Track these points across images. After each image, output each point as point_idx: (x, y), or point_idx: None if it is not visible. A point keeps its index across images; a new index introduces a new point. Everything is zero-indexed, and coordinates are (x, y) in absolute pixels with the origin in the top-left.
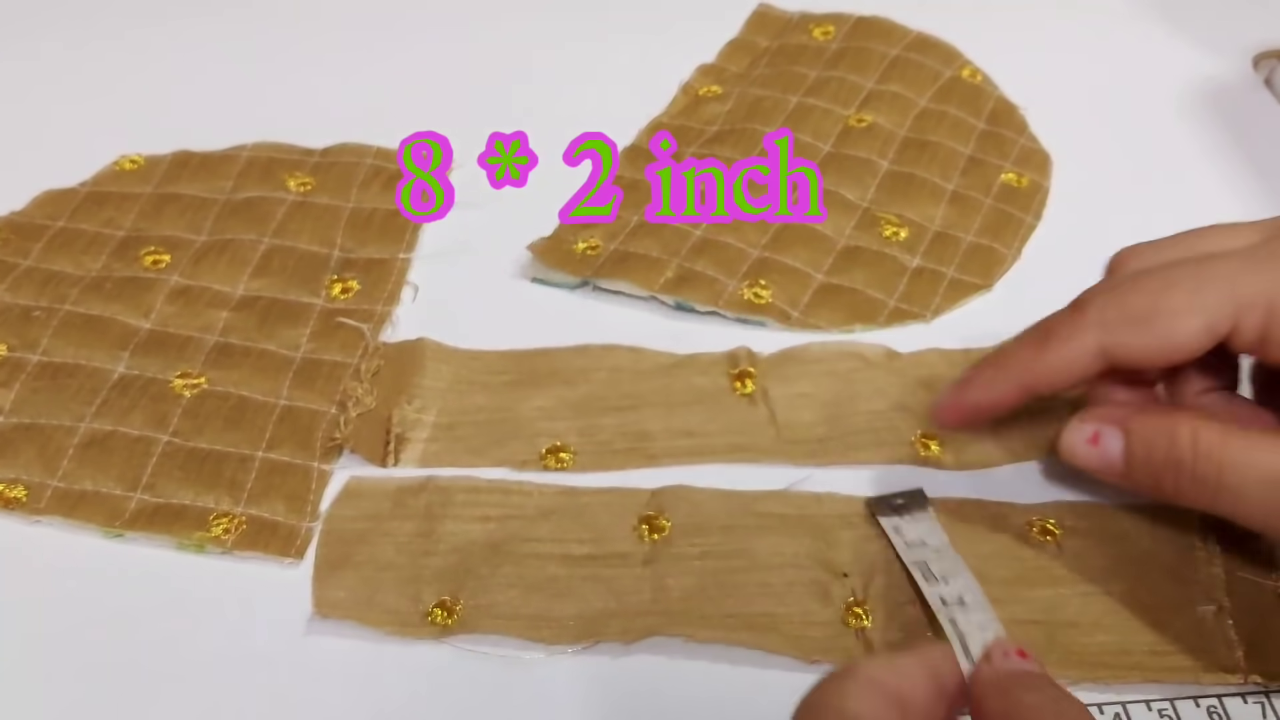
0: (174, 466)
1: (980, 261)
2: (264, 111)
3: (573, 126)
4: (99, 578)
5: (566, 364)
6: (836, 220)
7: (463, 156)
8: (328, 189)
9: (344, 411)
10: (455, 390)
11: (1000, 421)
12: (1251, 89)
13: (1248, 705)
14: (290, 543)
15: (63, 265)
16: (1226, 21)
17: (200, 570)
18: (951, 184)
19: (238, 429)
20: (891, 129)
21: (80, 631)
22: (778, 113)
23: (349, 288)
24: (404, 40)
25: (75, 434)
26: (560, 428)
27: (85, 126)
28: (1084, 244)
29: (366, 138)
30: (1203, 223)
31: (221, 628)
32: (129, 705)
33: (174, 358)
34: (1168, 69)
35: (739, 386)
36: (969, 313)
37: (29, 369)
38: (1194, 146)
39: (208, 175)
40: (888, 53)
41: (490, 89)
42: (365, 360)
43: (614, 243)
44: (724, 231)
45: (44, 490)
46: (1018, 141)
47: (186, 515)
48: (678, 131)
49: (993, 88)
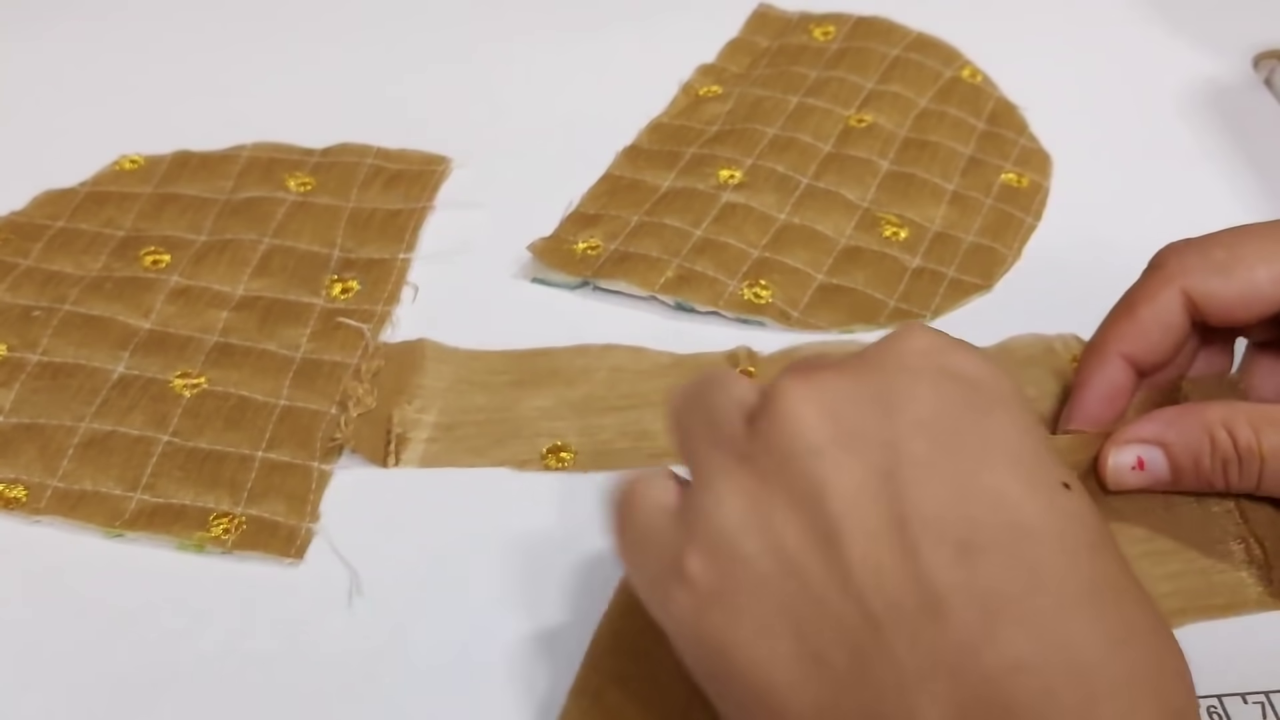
0: (174, 466)
1: (980, 261)
2: (264, 111)
3: (572, 126)
4: (99, 578)
5: (567, 364)
6: (837, 220)
7: (463, 156)
8: (328, 189)
9: (344, 411)
10: (455, 390)
11: None
12: (1251, 89)
13: (1248, 705)
14: (290, 543)
15: (63, 265)
16: (1226, 21)
17: (200, 570)
18: (952, 184)
19: (238, 429)
20: (892, 129)
21: (80, 631)
22: (778, 113)
23: (349, 288)
24: (404, 40)
25: (75, 434)
26: (561, 427)
27: (85, 126)
28: (1084, 244)
29: (366, 138)
30: (1203, 222)
31: (221, 628)
32: (129, 705)
33: (174, 358)
34: (1168, 69)
35: None
36: (969, 313)
37: (29, 369)
38: (1194, 146)
39: (208, 175)
40: (888, 53)
41: (490, 89)
42: (365, 360)
43: (614, 243)
44: (724, 231)
45: (44, 490)
46: (1018, 141)
47: (186, 515)
48: (678, 131)
49: (993, 88)
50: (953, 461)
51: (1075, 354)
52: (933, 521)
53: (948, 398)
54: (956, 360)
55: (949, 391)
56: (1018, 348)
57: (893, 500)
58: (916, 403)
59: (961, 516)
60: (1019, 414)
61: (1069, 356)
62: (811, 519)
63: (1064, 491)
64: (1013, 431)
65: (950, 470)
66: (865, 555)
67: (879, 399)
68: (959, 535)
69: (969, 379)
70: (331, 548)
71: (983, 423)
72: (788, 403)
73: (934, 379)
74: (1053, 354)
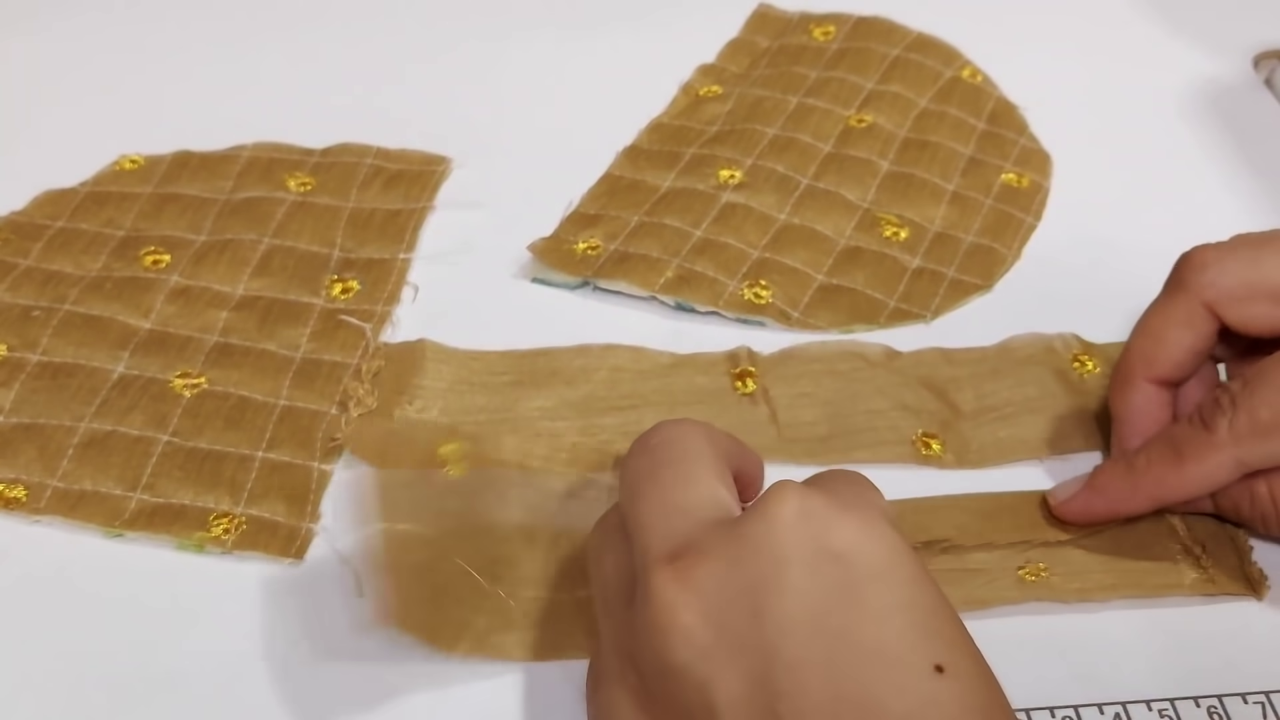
0: (174, 466)
1: (980, 262)
2: (264, 111)
3: (572, 126)
4: (99, 578)
5: (567, 364)
6: (837, 220)
7: (463, 156)
8: (328, 189)
9: (344, 411)
10: (456, 390)
11: (1000, 423)
12: (1251, 89)
13: (1248, 705)
14: (290, 543)
15: (63, 265)
16: (1226, 21)
17: (200, 570)
18: (952, 184)
19: (238, 429)
20: (892, 129)
21: (80, 631)
22: (778, 113)
23: (349, 288)
24: (404, 40)
25: (75, 434)
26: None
27: (85, 126)
28: (1084, 244)
29: (366, 138)
30: (1202, 222)
31: (221, 628)
32: (129, 705)
33: (174, 358)
34: (1168, 69)
35: (740, 386)
36: (969, 313)
37: (29, 369)
38: (1194, 146)
39: (208, 175)
40: (888, 53)
41: (490, 89)
42: (366, 360)
43: (614, 243)
44: (724, 231)
45: (44, 490)
46: (1018, 141)
47: (186, 515)
48: (678, 131)
49: (993, 88)
50: (824, 665)
51: (1075, 353)
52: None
53: (818, 586)
54: (829, 531)
55: (819, 577)
56: (1018, 348)
57: (767, 712)
58: (785, 598)
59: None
60: (893, 588)
61: (1069, 356)
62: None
63: (935, 678)
64: (885, 614)
65: (821, 676)
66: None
67: (749, 595)
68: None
69: (840, 555)
70: (331, 548)
71: (853, 610)
72: (660, 608)
73: (803, 565)
74: (1053, 354)
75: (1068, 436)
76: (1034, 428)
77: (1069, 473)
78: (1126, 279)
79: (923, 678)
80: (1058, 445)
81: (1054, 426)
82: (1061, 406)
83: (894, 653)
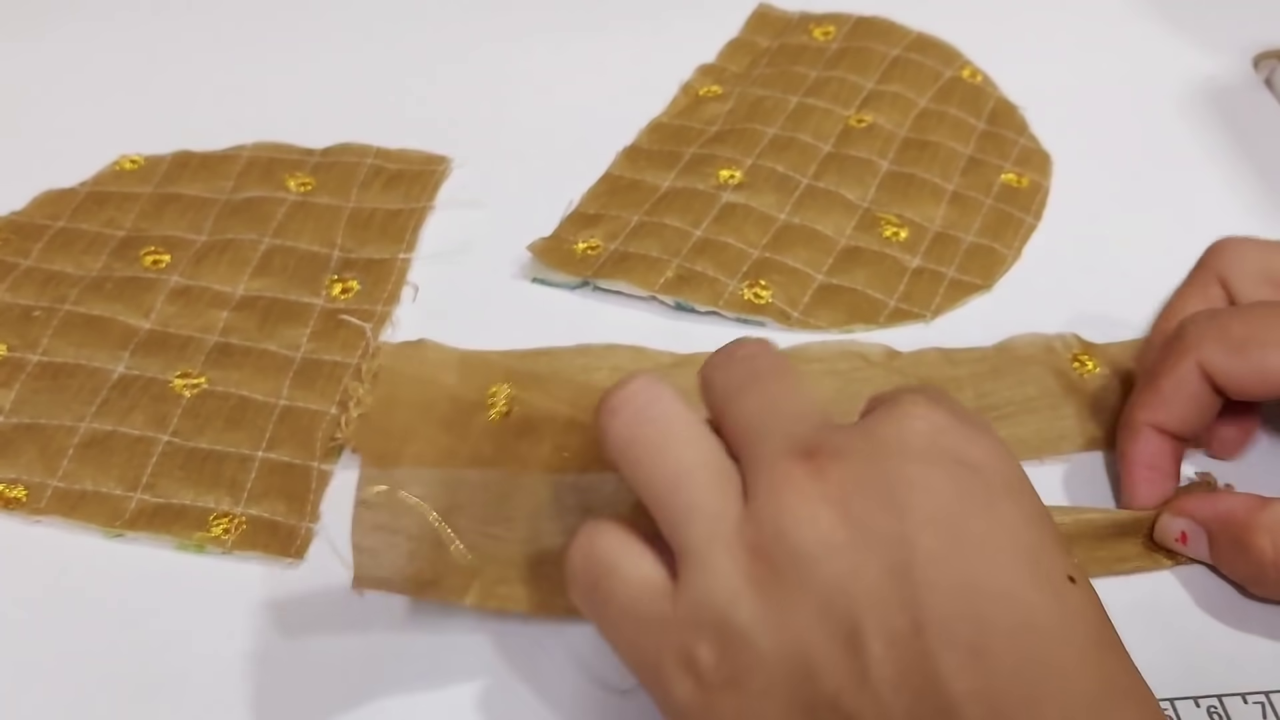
0: (174, 466)
1: (980, 261)
2: (264, 111)
3: (572, 126)
4: (99, 578)
5: (568, 363)
6: (837, 220)
7: (463, 156)
8: (328, 189)
9: (344, 411)
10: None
11: (1000, 423)
12: (1251, 89)
13: (1248, 705)
14: (290, 543)
15: (63, 265)
16: (1226, 21)
17: (200, 570)
18: (951, 184)
19: (238, 429)
20: (892, 129)
21: (80, 631)
22: (778, 113)
23: (349, 288)
24: (404, 41)
25: (75, 434)
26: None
27: (85, 126)
28: (1084, 244)
29: (366, 138)
30: (1202, 222)
31: (221, 628)
32: (128, 705)
33: (174, 358)
34: (1168, 69)
35: None
36: (969, 313)
37: (29, 369)
38: (1194, 146)
39: (208, 175)
40: (888, 53)
41: (491, 89)
42: (366, 360)
43: (614, 243)
44: (724, 231)
45: (44, 490)
46: (1018, 141)
47: (186, 515)
48: (678, 131)
49: (993, 88)
50: (963, 558)
51: (1075, 353)
52: (947, 623)
53: (956, 489)
54: (962, 444)
55: (957, 482)
56: (1018, 347)
57: (908, 602)
58: (926, 495)
59: (973, 617)
60: (1024, 502)
61: (1069, 356)
62: (831, 619)
63: (1070, 587)
64: (1019, 523)
65: (961, 568)
66: (884, 658)
67: (888, 491)
68: (971, 639)
69: (974, 465)
70: (331, 548)
71: (990, 515)
72: (797, 499)
73: (942, 468)
74: (1053, 354)
75: (1068, 436)
76: (1034, 427)
77: (1069, 472)
78: (1126, 279)
79: (1060, 584)
80: (1058, 445)
81: (1054, 426)
82: (1061, 406)
83: (1034, 555)
